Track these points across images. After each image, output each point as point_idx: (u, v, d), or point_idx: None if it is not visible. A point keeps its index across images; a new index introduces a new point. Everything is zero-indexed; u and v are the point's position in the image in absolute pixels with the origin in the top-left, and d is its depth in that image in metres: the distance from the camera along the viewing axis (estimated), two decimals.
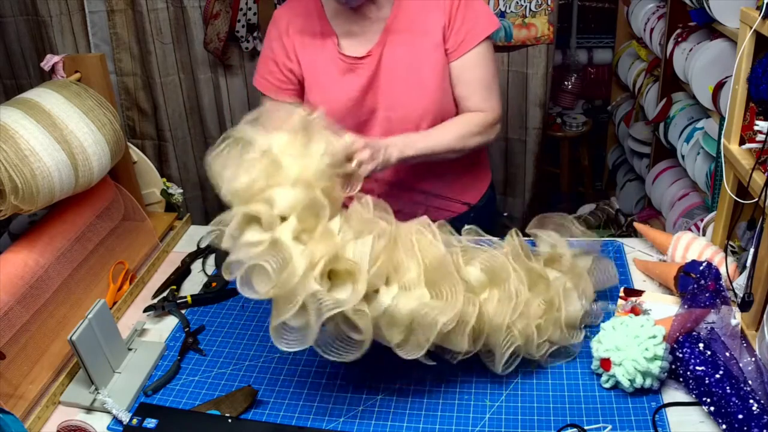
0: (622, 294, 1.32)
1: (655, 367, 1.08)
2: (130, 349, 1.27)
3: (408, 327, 1.03)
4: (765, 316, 1.09)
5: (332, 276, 1.02)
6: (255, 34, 2.32)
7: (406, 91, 1.38)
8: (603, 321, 1.19)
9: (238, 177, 0.99)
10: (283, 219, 0.99)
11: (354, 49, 1.39)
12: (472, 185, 1.59)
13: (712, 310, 1.17)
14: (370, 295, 1.01)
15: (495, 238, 1.25)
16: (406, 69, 1.37)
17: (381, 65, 1.37)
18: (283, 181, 1.00)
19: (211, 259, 1.56)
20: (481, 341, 1.11)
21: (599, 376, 1.15)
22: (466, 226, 1.21)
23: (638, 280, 1.40)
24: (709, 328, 1.15)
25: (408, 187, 1.47)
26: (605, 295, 1.32)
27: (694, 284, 1.23)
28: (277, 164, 1.00)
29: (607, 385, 1.13)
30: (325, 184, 1.03)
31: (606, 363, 1.12)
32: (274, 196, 0.98)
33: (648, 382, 1.09)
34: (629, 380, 1.09)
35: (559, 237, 1.25)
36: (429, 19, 1.35)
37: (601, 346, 1.13)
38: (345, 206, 1.11)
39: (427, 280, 1.05)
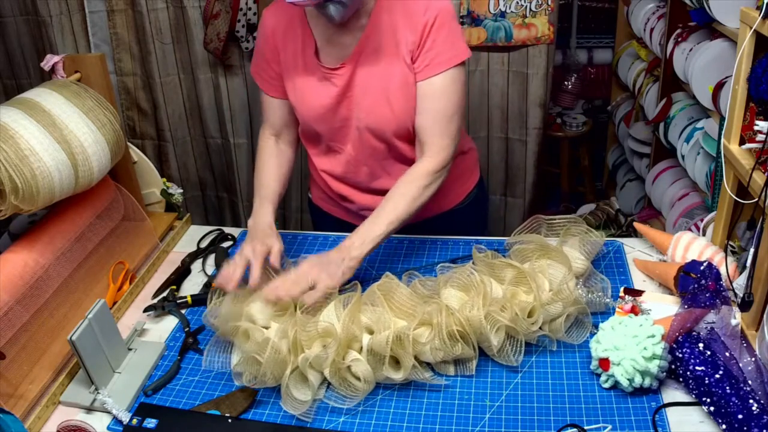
0: (622, 294, 1.32)
1: (654, 367, 1.08)
2: (130, 349, 1.27)
3: (392, 357, 1.14)
4: (765, 316, 1.09)
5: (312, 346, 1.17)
6: (255, 34, 2.32)
7: (376, 104, 1.38)
8: (603, 320, 1.19)
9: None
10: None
11: (330, 58, 1.39)
12: (450, 190, 1.57)
13: (712, 310, 1.17)
14: (354, 345, 1.16)
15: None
16: (376, 83, 1.37)
17: (354, 77, 1.37)
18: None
19: (211, 259, 1.56)
20: (471, 342, 1.17)
21: (599, 376, 1.15)
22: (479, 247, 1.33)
23: (638, 280, 1.40)
24: (709, 328, 1.15)
25: (378, 191, 1.50)
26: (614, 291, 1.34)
27: (694, 284, 1.23)
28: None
29: (606, 385, 1.13)
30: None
31: (605, 363, 1.12)
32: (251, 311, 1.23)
33: (647, 382, 1.10)
34: (628, 380, 1.09)
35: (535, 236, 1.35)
36: (401, 36, 1.33)
37: (599, 346, 1.13)
38: None
39: (401, 315, 1.20)
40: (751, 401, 1.00)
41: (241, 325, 1.18)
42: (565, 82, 3.23)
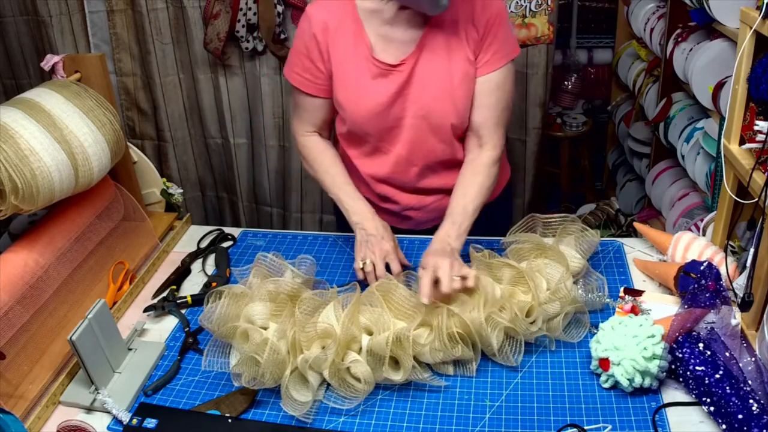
0: (622, 294, 1.32)
1: (654, 367, 1.08)
2: (130, 349, 1.27)
3: (392, 358, 1.15)
4: (765, 316, 1.09)
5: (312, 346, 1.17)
6: (255, 34, 2.32)
7: (436, 100, 1.38)
8: (603, 320, 1.19)
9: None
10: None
11: (388, 55, 1.38)
12: None
13: (712, 310, 1.17)
14: (353, 346, 1.16)
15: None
16: (437, 78, 1.37)
17: (414, 73, 1.37)
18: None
19: (211, 259, 1.56)
20: (472, 343, 1.18)
21: (599, 376, 1.15)
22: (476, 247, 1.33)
23: (638, 280, 1.40)
24: (709, 328, 1.15)
25: (426, 192, 1.51)
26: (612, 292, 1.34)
27: (694, 284, 1.23)
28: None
29: (606, 385, 1.13)
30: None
31: (605, 363, 1.12)
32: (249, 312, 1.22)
33: (647, 382, 1.10)
34: (628, 380, 1.09)
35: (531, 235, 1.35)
36: (462, 31, 1.36)
37: (599, 346, 1.13)
38: None
39: (400, 315, 1.20)
40: (751, 401, 1.00)
41: (240, 326, 1.18)
42: (565, 82, 3.23)
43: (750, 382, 1.06)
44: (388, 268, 1.33)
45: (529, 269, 1.26)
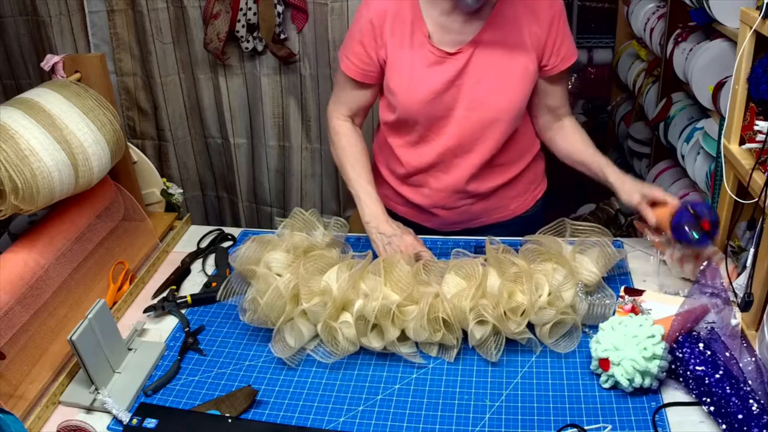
0: (622, 293, 1.32)
1: (654, 367, 1.08)
2: (130, 349, 1.27)
3: (379, 327, 1.21)
4: (765, 316, 1.09)
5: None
6: (255, 34, 2.31)
7: (490, 93, 1.39)
8: (602, 320, 1.19)
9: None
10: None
11: (446, 43, 1.39)
12: (524, 194, 1.63)
13: (712, 310, 1.17)
14: (349, 308, 1.22)
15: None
16: (494, 72, 1.38)
17: (470, 63, 1.38)
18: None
19: (211, 259, 1.56)
20: (453, 328, 1.19)
21: (599, 376, 1.15)
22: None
23: (638, 280, 1.40)
24: (709, 328, 1.15)
25: (462, 193, 1.53)
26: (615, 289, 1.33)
27: (687, 220, 1.25)
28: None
29: (606, 385, 1.13)
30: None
31: (605, 363, 1.12)
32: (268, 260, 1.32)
33: (647, 382, 1.10)
34: (628, 380, 1.09)
35: (552, 238, 1.36)
36: (526, 28, 1.37)
37: (599, 346, 1.13)
38: None
39: (396, 289, 1.23)
40: (751, 401, 1.00)
41: (256, 269, 1.26)
42: None
43: (750, 382, 1.06)
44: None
45: (532, 270, 1.26)
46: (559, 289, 1.21)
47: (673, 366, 1.12)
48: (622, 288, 1.33)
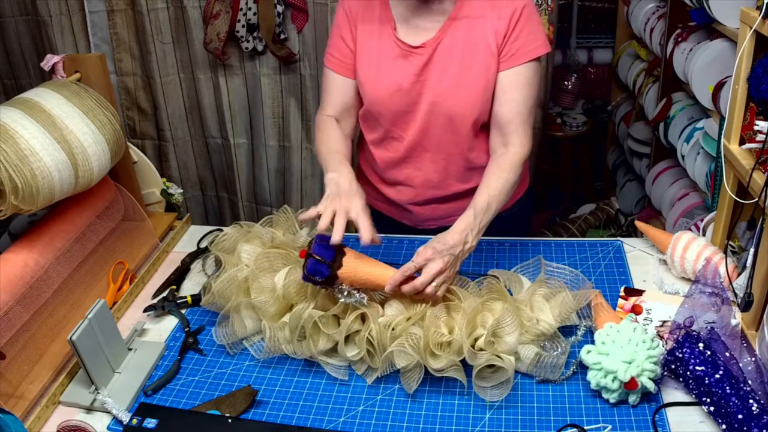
0: (622, 294, 1.32)
1: (649, 373, 1.08)
2: (130, 349, 1.27)
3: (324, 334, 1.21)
4: (765, 316, 1.09)
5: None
6: (255, 34, 2.31)
7: (454, 87, 1.39)
8: (585, 338, 1.18)
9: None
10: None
11: (411, 37, 1.40)
12: None
13: (712, 310, 1.17)
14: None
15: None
16: (457, 66, 1.38)
17: (434, 58, 1.38)
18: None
19: (211, 259, 1.55)
20: (377, 351, 1.16)
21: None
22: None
23: (638, 280, 1.40)
24: (709, 328, 1.15)
25: (441, 193, 1.51)
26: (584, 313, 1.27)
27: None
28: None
29: (612, 401, 1.10)
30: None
31: (632, 383, 1.08)
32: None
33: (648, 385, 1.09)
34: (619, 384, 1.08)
35: (518, 277, 1.32)
36: (488, 23, 1.36)
37: (589, 356, 1.12)
38: None
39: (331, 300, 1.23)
40: (751, 401, 1.00)
41: (223, 257, 1.32)
42: (565, 82, 3.23)
43: (750, 382, 1.06)
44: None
45: (478, 309, 1.18)
46: (498, 332, 1.13)
47: (673, 366, 1.12)
48: (622, 288, 1.34)
